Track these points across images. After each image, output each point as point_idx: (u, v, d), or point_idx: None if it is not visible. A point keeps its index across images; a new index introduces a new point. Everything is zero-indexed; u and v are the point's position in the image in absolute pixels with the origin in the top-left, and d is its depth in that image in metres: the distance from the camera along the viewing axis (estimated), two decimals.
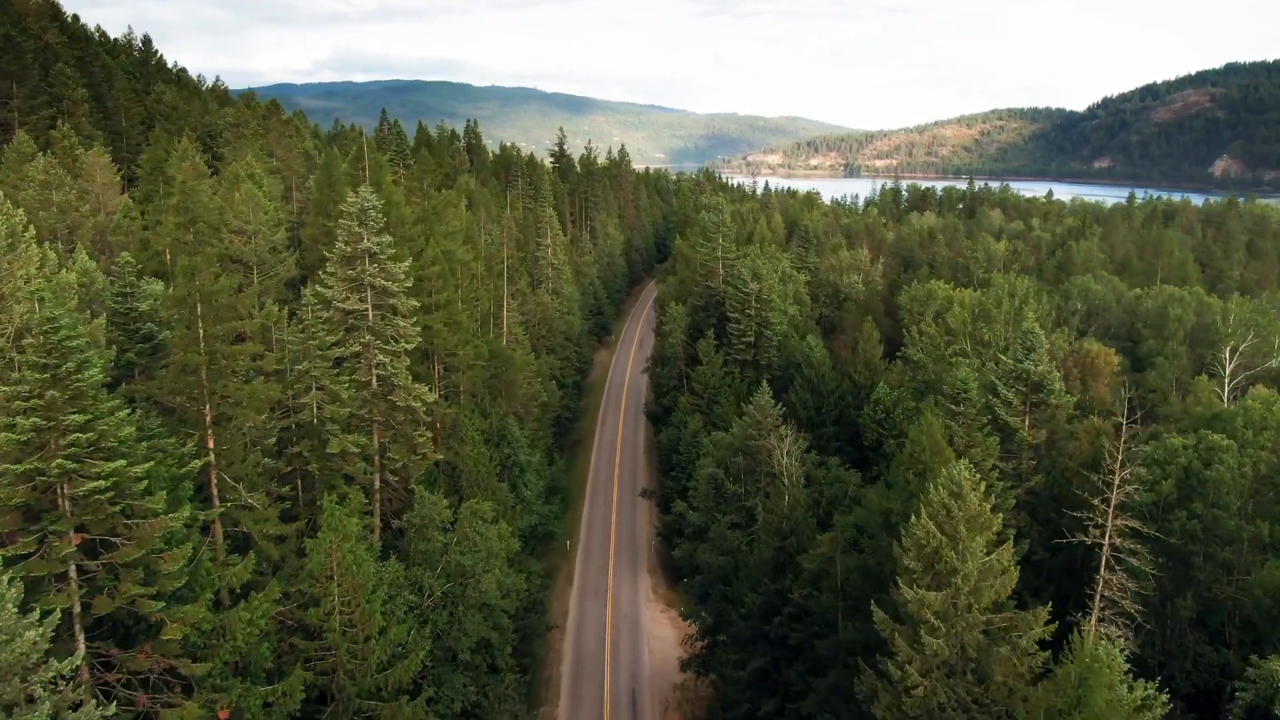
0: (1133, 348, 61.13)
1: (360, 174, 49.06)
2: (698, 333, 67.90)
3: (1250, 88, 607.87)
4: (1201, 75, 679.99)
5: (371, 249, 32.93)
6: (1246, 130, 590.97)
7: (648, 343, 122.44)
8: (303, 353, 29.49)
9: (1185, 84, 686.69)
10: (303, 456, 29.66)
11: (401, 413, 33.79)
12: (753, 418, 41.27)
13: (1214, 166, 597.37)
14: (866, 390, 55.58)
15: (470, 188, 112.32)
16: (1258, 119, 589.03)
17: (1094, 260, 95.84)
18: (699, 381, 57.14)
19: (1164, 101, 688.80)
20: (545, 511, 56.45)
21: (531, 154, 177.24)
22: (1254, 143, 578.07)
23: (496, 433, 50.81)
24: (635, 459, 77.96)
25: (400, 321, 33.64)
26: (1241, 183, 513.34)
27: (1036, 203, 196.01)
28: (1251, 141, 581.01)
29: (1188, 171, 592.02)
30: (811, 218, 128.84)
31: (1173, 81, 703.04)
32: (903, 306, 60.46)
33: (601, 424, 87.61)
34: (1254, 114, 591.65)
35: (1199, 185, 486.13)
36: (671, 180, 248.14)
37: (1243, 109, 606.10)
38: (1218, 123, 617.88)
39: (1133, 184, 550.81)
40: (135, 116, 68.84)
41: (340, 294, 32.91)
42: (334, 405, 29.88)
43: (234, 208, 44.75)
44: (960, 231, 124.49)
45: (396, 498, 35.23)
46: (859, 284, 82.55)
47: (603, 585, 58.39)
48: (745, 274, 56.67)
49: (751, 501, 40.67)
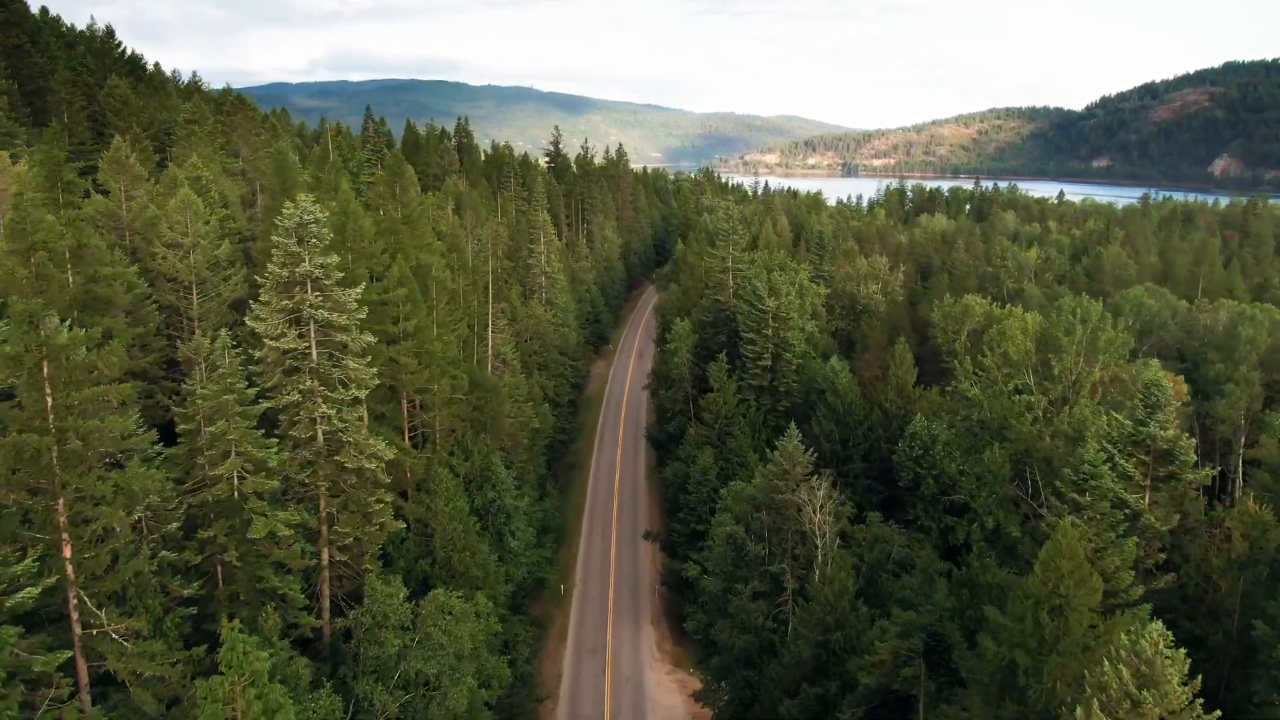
0: (1191, 370, 54.80)
1: (329, 176, 42.40)
2: (705, 352, 61.38)
3: (1249, 87, 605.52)
4: (1200, 74, 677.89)
5: (313, 273, 26.33)
6: (1246, 129, 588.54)
7: (648, 353, 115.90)
8: (217, 409, 22.90)
9: (1184, 83, 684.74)
10: (218, 542, 23.08)
11: (353, 475, 27.22)
12: (779, 466, 34.83)
13: (1213, 166, 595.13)
14: (899, 421, 49.11)
15: (459, 190, 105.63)
16: (1257, 118, 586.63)
17: (1126, 267, 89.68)
18: (709, 410, 50.68)
19: (1163, 101, 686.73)
20: (536, 558, 49.92)
21: (525, 154, 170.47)
22: (1254, 142, 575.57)
23: (479, 474, 44.31)
24: (636, 488, 71.35)
25: (351, 363, 27.04)
26: (1241, 182, 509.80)
27: (1048, 204, 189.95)
28: (1251, 141, 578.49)
29: (1187, 171, 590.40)
30: (820, 221, 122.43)
31: (1171, 81, 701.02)
32: (935, 324, 54.02)
33: (599, 446, 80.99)
34: (1253, 113, 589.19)
35: (1199, 185, 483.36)
36: (670, 180, 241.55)
37: (1242, 108, 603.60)
38: (1217, 122, 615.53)
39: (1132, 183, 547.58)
40: (80, 112, 61.93)
41: (275, 329, 26.31)
42: (260, 476, 23.28)
43: (168, 217, 38.06)
44: (976, 235, 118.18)
45: (349, 576, 28.69)
46: (877, 294, 76.13)
47: (601, 640, 51.79)
48: (761, 289, 50.23)
49: (778, 566, 34.27)
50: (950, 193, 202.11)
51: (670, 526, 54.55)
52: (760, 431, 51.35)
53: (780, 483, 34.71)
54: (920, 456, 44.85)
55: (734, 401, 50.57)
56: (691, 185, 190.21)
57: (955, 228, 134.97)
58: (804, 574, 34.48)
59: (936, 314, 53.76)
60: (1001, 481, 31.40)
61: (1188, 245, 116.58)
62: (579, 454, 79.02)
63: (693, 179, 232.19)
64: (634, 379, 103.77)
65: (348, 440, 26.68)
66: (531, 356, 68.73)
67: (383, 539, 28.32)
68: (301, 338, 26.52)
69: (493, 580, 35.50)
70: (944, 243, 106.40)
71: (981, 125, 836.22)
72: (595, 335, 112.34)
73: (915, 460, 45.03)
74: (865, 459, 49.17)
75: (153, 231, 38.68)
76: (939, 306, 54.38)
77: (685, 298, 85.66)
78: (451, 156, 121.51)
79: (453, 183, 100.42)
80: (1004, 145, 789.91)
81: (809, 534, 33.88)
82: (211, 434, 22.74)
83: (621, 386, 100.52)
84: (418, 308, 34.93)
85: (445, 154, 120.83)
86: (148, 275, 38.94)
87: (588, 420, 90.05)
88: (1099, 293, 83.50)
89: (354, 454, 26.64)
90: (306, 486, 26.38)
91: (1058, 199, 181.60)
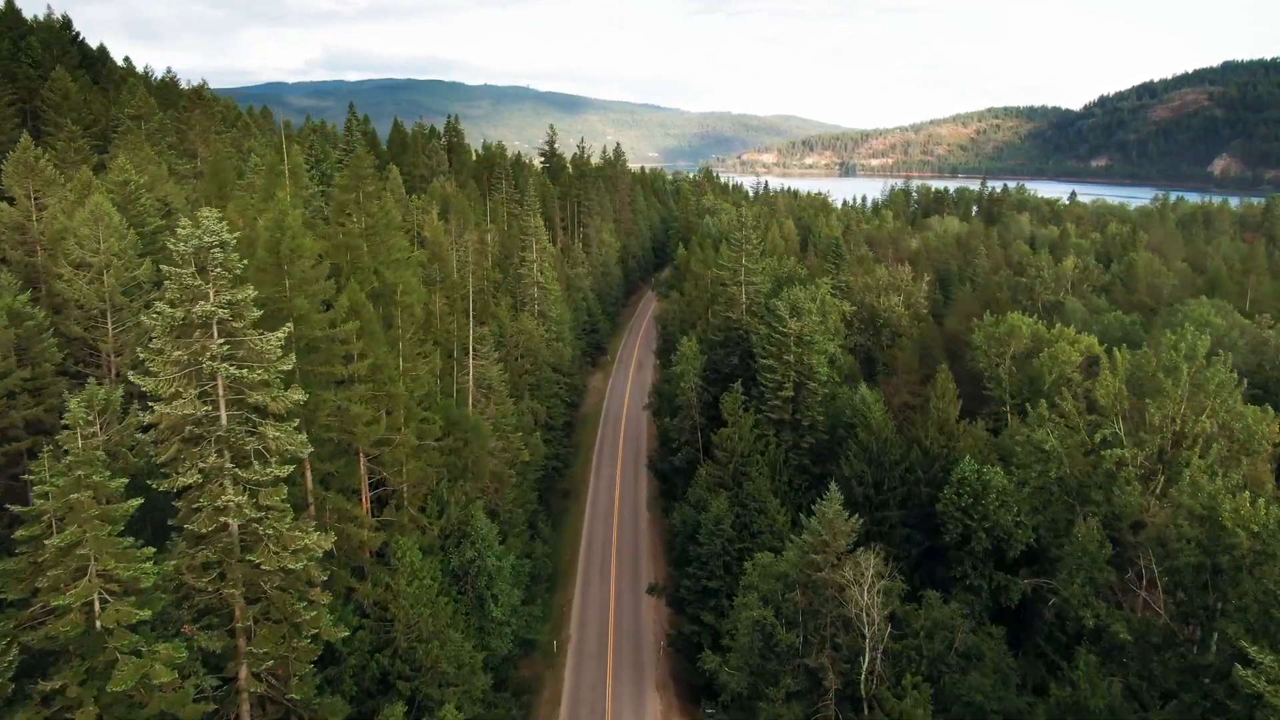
0: (1261, 397, 48.52)
1: (268, 182, 35.78)
2: (715, 375, 54.87)
3: (1249, 86, 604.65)
4: (1199, 74, 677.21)
5: (218, 313, 19.81)
6: (1246, 129, 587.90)
7: (647, 364, 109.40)
8: (67, 510, 16.37)
9: (1182, 82, 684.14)
10: (69, 696, 16.54)
11: (275, 576, 20.70)
12: (816, 536, 28.43)
13: (1213, 165, 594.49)
14: (942, 462, 42.76)
15: (447, 192, 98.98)
16: (1257, 117, 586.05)
17: (1160, 275, 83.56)
18: (722, 448, 44.19)
19: (1161, 100, 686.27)
20: (524, 618, 43.43)
21: (519, 153, 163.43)
22: (1254, 141, 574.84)
23: (457, 528, 37.85)
24: (637, 521, 64.81)
25: (272, 430, 20.52)
26: (1241, 181, 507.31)
27: (1058, 205, 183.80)
28: (1251, 140, 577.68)
29: (1187, 170, 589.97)
30: (829, 224, 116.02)
31: (1170, 80, 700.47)
32: (976, 346, 47.70)
33: (596, 470, 74.43)
34: (1253, 112, 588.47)
35: (1199, 184, 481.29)
36: (668, 181, 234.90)
37: (1241, 107, 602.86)
38: (1216, 121, 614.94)
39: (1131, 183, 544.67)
40: (9, 106, 55.15)
41: (167, 387, 19.77)
42: (124, 603, 16.75)
43: (75, 231, 31.47)
44: (994, 240, 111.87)
45: (277, 700, 22.17)
46: (899, 307, 69.72)
47: (600, 706, 45.34)
48: (782, 310, 43.78)
49: (817, 660, 27.88)
50: (957, 194, 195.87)
51: (678, 579, 48.07)
52: (781, 472, 44.90)
53: (818, 557, 28.30)
54: (970, 506, 38.50)
55: (751, 438, 44.13)
56: (692, 186, 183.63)
57: (969, 231, 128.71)
58: (848, 669, 28.09)
59: (978, 335, 47.42)
60: (1099, 565, 25.19)
61: (1214, 250, 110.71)
62: (575, 479, 72.48)
63: (692, 179, 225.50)
64: (633, 393, 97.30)
65: (266, 533, 20.16)
66: (522, 377, 62.23)
67: (317, 653, 21.82)
68: (204, 399, 20.00)
69: (468, 674, 29.01)
70: (960, 248, 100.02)
71: (979, 125, 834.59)
72: (592, 346, 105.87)
73: (964, 511, 38.68)
74: (902, 505, 42.78)
75: (60, 247, 32.09)
76: (980, 326, 47.96)
77: (689, 309, 79.16)
78: (440, 156, 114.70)
79: (440, 185, 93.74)
80: (1002, 145, 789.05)
81: (854, 620, 27.52)
82: (57, 547, 16.25)
83: (620, 402, 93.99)
84: (375, 342, 28.45)
85: (433, 154, 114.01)
86: (54, 301, 32.41)
87: (584, 438, 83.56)
88: (1137, 305, 77.46)
89: (274, 551, 20.12)
90: (208, 598, 19.86)
91: (1069, 199, 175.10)
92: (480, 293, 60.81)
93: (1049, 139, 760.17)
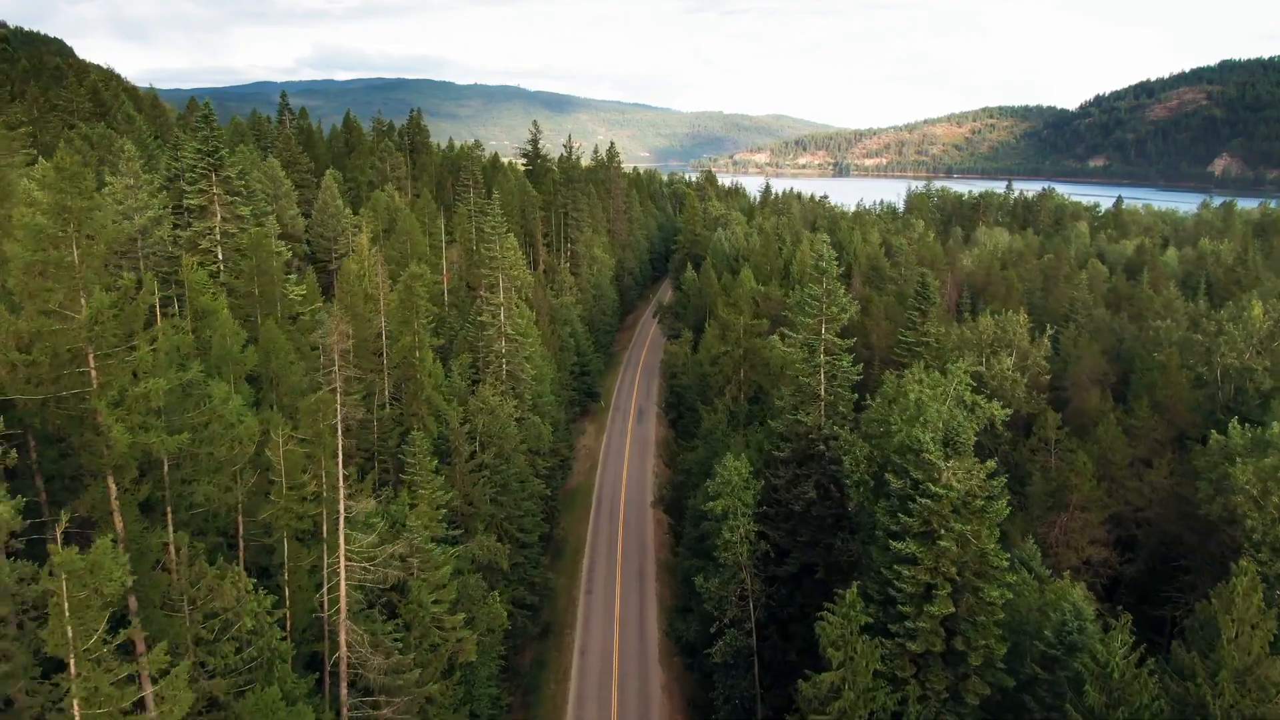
0: None
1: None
2: (776, 507, 34.35)
3: (1247, 85, 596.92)
4: (1197, 73, 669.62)
5: None
6: (1246, 128, 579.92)
7: (649, 411, 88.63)
8: None
9: (1180, 81, 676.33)
10: None
11: None
12: None
13: (1213, 165, 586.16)
14: None
15: (395, 205, 77.83)
16: (1256, 117, 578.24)
17: None
18: (812, 697, 23.55)
19: (1159, 99, 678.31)
20: None
21: (495, 154, 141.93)
22: (1254, 140, 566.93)
23: None
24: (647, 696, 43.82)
25: None
26: (1242, 182, 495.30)
27: (1096, 210, 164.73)
28: (1251, 139, 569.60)
29: (1186, 170, 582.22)
30: (868, 240, 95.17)
31: (1167, 79, 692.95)
32: (1237, 489, 27.67)
33: (587, 607, 52.90)
34: (1252, 111, 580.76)
35: (1198, 184, 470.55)
36: (663, 182, 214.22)
37: (1240, 106, 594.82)
38: (1215, 120, 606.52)
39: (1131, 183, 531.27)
40: None
41: None
42: None
43: None
44: (1070, 259, 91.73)
45: None
46: (1013, 374, 49.25)
47: None
48: (929, 445, 23.39)
49: None
50: (981, 197, 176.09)
51: None
52: None
53: None
54: None
55: (869, 676, 23.78)
56: (694, 191, 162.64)
57: (1024, 245, 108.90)
58: None
59: (1240, 475, 27.30)
60: None
61: None
62: (558, 618, 51.38)
63: (689, 182, 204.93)
64: (634, 459, 76.63)
65: None
66: (477, 489, 41.40)
67: None
68: None
69: None
70: (1043, 275, 79.45)
71: (974, 124, 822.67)
72: (582, 391, 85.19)
73: None
74: None
75: None
76: (1245, 468, 27.43)
77: (716, 371, 57.70)
78: (394, 158, 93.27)
79: (382, 196, 72.39)
80: (997, 144, 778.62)
81: None
82: None
83: (617, 474, 73.23)
84: None
85: (386, 155, 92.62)
86: None
87: (571, 533, 62.81)
88: None
89: None
90: None
91: (1115, 206, 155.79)
92: (408, 367, 40.01)
93: (1045, 139, 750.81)
